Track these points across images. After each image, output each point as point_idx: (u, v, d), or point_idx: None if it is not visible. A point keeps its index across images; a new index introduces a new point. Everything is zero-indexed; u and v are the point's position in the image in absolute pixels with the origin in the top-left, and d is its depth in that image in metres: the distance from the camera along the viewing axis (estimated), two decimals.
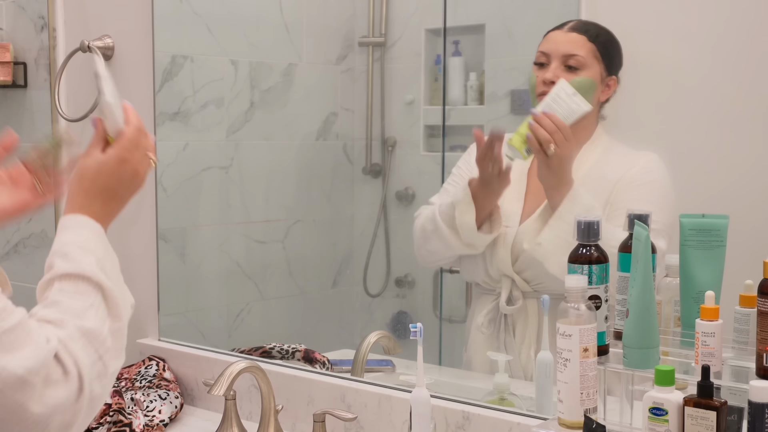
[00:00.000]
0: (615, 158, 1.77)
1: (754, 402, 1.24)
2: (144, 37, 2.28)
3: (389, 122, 2.51)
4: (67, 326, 1.18)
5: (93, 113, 1.38)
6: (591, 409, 1.36)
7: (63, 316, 1.18)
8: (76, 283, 1.22)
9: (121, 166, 1.33)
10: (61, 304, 1.20)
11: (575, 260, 1.43)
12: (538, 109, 1.70)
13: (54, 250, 1.27)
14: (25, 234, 2.57)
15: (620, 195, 1.71)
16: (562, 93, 1.69)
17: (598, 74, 1.75)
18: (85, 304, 1.21)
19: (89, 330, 1.19)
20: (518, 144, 1.71)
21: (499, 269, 1.86)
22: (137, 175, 1.36)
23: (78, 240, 1.27)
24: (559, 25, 1.79)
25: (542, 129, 1.68)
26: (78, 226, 1.29)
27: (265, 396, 1.81)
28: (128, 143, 1.34)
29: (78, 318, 1.19)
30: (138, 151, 1.35)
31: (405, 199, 2.46)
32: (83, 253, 1.25)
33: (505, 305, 1.85)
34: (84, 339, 1.18)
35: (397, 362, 2.06)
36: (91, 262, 1.25)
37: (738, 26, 1.60)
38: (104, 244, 1.30)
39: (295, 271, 2.57)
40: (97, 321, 1.21)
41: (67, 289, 1.22)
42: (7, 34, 2.57)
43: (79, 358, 1.16)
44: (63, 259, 1.24)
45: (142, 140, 1.36)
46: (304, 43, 2.56)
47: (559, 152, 1.68)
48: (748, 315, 1.39)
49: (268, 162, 2.55)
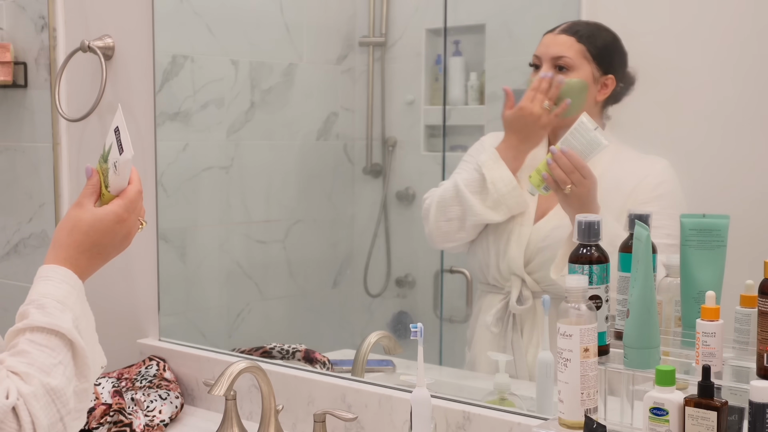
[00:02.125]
0: (626, 164, 1.76)
1: (754, 402, 1.24)
2: (144, 37, 2.28)
3: (389, 122, 2.51)
4: (32, 382, 1.16)
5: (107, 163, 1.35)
6: (591, 409, 1.36)
7: (29, 370, 1.17)
8: (49, 338, 1.21)
9: (117, 224, 1.32)
10: (30, 355, 1.19)
11: (576, 260, 1.43)
12: (556, 145, 1.69)
13: (31, 299, 1.25)
14: (25, 234, 2.57)
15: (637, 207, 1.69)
16: (582, 128, 1.68)
17: (589, 74, 1.75)
18: (54, 360, 1.20)
19: (54, 388, 1.18)
20: (536, 182, 1.71)
21: (510, 268, 1.85)
22: (128, 236, 1.35)
23: (57, 294, 1.25)
24: (553, 27, 1.80)
25: (559, 169, 1.67)
26: (59, 280, 1.27)
27: (266, 396, 1.81)
28: (129, 204, 1.33)
29: (45, 374, 1.18)
30: (135, 213, 1.35)
31: (405, 199, 2.46)
32: (61, 309, 1.23)
33: (515, 305, 1.85)
34: (47, 397, 1.17)
35: (398, 362, 2.06)
36: (67, 319, 1.23)
37: (738, 26, 1.60)
38: (82, 302, 1.29)
39: (296, 271, 2.56)
40: (63, 380, 1.19)
41: (38, 341, 1.20)
42: (7, 34, 2.57)
43: (38, 418, 1.15)
44: (40, 311, 1.22)
45: (140, 203, 1.36)
46: (304, 43, 2.56)
47: (576, 191, 1.66)
48: (748, 315, 1.39)
49: (269, 162, 2.55)
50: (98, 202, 1.34)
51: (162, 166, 2.30)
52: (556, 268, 1.68)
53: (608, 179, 1.71)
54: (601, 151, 1.67)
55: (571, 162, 1.66)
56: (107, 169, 1.34)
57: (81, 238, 1.30)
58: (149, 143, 2.28)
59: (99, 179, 1.34)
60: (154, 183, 2.28)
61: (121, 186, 1.34)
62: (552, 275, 1.70)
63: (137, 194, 1.35)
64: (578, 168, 1.66)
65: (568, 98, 1.76)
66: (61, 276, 1.28)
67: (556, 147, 1.68)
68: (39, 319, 1.21)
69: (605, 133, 1.76)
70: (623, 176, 1.74)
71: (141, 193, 1.36)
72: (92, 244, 1.31)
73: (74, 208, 1.33)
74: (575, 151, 1.67)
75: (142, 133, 2.30)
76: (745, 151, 1.59)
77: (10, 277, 2.59)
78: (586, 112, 1.69)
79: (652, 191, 1.70)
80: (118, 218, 1.32)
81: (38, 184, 2.52)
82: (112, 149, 1.33)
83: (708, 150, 1.64)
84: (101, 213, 1.32)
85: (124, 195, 1.33)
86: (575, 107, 1.76)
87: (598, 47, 1.75)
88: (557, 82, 1.75)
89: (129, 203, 1.33)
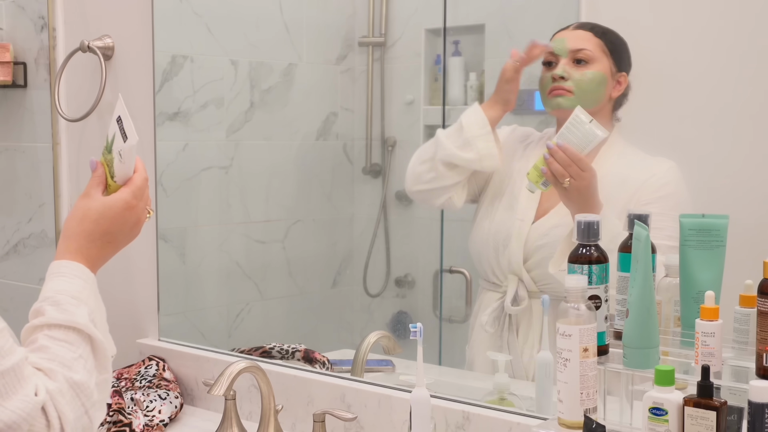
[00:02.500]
0: (632, 162, 1.76)
1: (754, 402, 1.24)
2: (144, 37, 2.28)
3: (389, 122, 2.51)
4: (57, 378, 1.17)
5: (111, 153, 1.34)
6: (591, 409, 1.36)
7: (53, 366, 1.18)
8: (67, 333, 1.21)
9: (126, 211, 1.32)
10: (50, 350, 1.19)
11: (575, 260, 1.43)
12: (552, 140, 1.69)
13: (45, 296, 1.25)
14: (25, 234, 2.57)
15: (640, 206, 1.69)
16: (577, 121, 1.68)
17: (608, 68, 1.75)
18: (74, 354, 1.20)
19: (77, 383, 1.19)
20: (534, 178, 1.71)
21: (510, 264, 1.86)
22: (137, 224, 1.35)
23: (71, 290, 1.25)
24: (564, 27, 1.80)
25: (556, 163, 1.67)
26: (72, 275, 1.28)
27: (265, 396, 1.81)
28: (137, 191, 1.33)
29: (67, 369, 1.19)
30: (143, 200, 1.35)
31: (405, 199, 2.46)
32: (75, 304, 1.24)
33: (510, 305, 1.85)
34: (72, 392, 1.18)
35: (397, 362, 2.06)
36: (83, 314, 1.23)
37: (738, 26, 1.60)
38: (95, 295, 1.29)
39: (295, 271, 2.56)
40: (85, 373, 1.20)
41: (56, 337, 1.21)
42: (7, 34, 2.57)
43: (64, 414, 1.16)
44: (55, 308, 1.23)
45: (146, 191, 1.36)
46: (304, 43, 2.56)
47: (575, 184, 1.66)
48: (748, 315, 1.39)
49: (268, 162, 2.55)
50: (105, 192, 1.34)
51: (161, 166, 2.30)
52: (554, 262, 1.69)
53: (614, 177, 1.72)
54: (597, 143, 1.67)
55: (567, 155, 1.66)
56: (112, 159, 1.34)
57: (91, 227, 1.30)
58: (149, 143, 2.28)
59: (104, 170, 1.35)
60: (154, 183, 2.28)
61: (127, 174, 1.34)
62: (550, 269, 1.70)
63: (144, 181, 1.35)
64: (575, 161, 1.67)
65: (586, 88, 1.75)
66: (73, 271, 1.28)
67: (553, 142, 1.68)
68: (55, 316, 1.22)
69: (614, 134, 1.76)
70: (629, 174, 1.74)
71: (147, 181, 1.36)
72: (103, 232, 1.31)
73: (82, 198, 1.33)
74: (572, 144, 1.67)
75: (141, 133, 2.28)
76: (745, 151, 1.60)
77: (10, 277, 2.59)
78: (580, 106, 1.69)
79: (656, 191, 1.70)
80: (128, 205, 1.32)
81: (38, 184, 2.52)
82: (115, 139, 1.34)
83: (708, 149, 1.64)
84: (110, 201, 1.32)
85: (131, 182, 1.33)
86: (593, 100, 1.75)
87: (614, 43, 1.75)
88: (543, 44, 1.79)
89: (137, 190, 1.33)
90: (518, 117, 1.94)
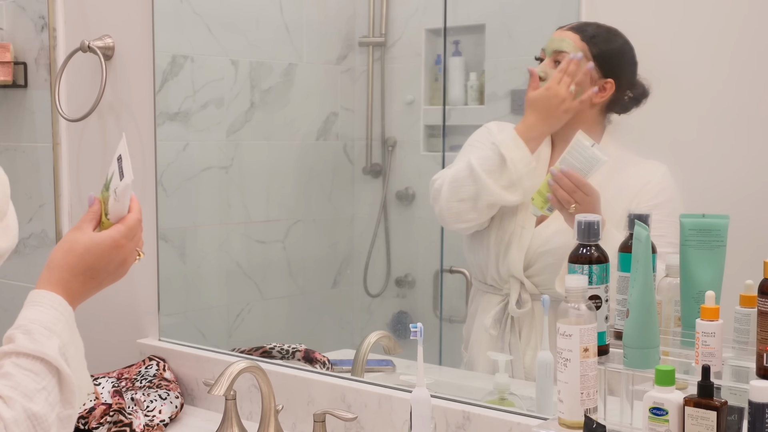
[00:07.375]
0: (626, 170, 1.75)
1: (754, 402, 1.24)
2: (144, 37, 2.28)
3: (389, 122, 2.51)
4: (14, 407, 1.16)
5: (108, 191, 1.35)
6: (591, 409, 1.36)
7: (12, 394, 1.17)
8: (34, 363, 1.20)
9: (113, 249, 1.31)
10: (14, 378, 1.18)
11: (575, 260, 1.43)
12: (555, 166, 1.69)
13: (19, 323, 1.24)
14: (25, 234, 2.57)
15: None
16: (579, 146, 1.68)
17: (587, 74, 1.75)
18: (38, 385, 1.19)
19: (35, 414, 1.17)
20: (539, 204, 1.71)
21: (510, 270, 1.85)
22: (123, 265, 1.34)
23: (45, 320, 1.24)
24: (563, 26, 1.80)
25: (562, 190, 1.67)
26: (49, 305, 1.26)
27: (266, 396, 1.81)
28: (128, 231, 1.33)
29: (28, 399, 1.17)
30: (132, 241, 1.34)
31: (405, 199, 2.46)
32: (47, 336, 1.23)
33: (515, 308, 1.85)
34: (28, 422, 1.16)
35: (398, 362, 2.06)
36: (53, 346, 1.22)
37: (738, 27, 1.60)
38: (71, 329, 1.28)
39: (295, 271, 2.57)
40: (46, 405, 1.19)
41: (23, 366, 1.20)
42: (7, 34, 2.57)
43: None
44: (26, 337, 1.22)
45: (138, 232, 1.35)
46: (304, 43, 2.56)
47: (581, 209, 1.65)
48: (748, 315, 1.39)
49: (268, 162, 2.55)
50: (97, 228, 1.34)
51: (162, 166, 2.30)
52: (560, 281, 1.66)
53: (610, 188, 1.71)
54: (600, 167, 1.67)
55: (572, 181, 1.66)
56: (108, 197, 1.34)
57: (75, 260, 1.30)
58: (149, 143, 2.28)
59: (100, 207, 1.35)
60: (154, 183, 2.28)
61: (120, 213, 1.34)
62: (557, 288, 1.70)
63: (137, 222, 1.34)
64: (580, 187, 1.66)
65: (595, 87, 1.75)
66: (50, 302, 1.27)
67: (556, 167, 1.68)
68: (25, 345, 1.21)
69: (605, 137, 1.76)
70: (624, 183, 1.73)
71: (141, 222, 1.35)
72: (86, 267, 1.30)
73: (73, 231, 1.33)
74: (574, 169, 1.67)
75: (142, 134, 2.30)
76: (744, 151, 1.60)
77: (10, 277, 2.59)
78: (581, 130, 1.69)
79: (652, 198, 1.69)
80: (115, 243, 1.31)
81: (38, 184, 2.52)
82: (113, 178, 1.34)
83: (707, 149, 1.64)
84: (98, 237, 1.31)
85: (123, 222, 1.33)
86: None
87: (600, 49, 1.74)
88: (585, 66, 1.74)
89: (128, 230, 1.33)
90: (518, 117, 1.94)
